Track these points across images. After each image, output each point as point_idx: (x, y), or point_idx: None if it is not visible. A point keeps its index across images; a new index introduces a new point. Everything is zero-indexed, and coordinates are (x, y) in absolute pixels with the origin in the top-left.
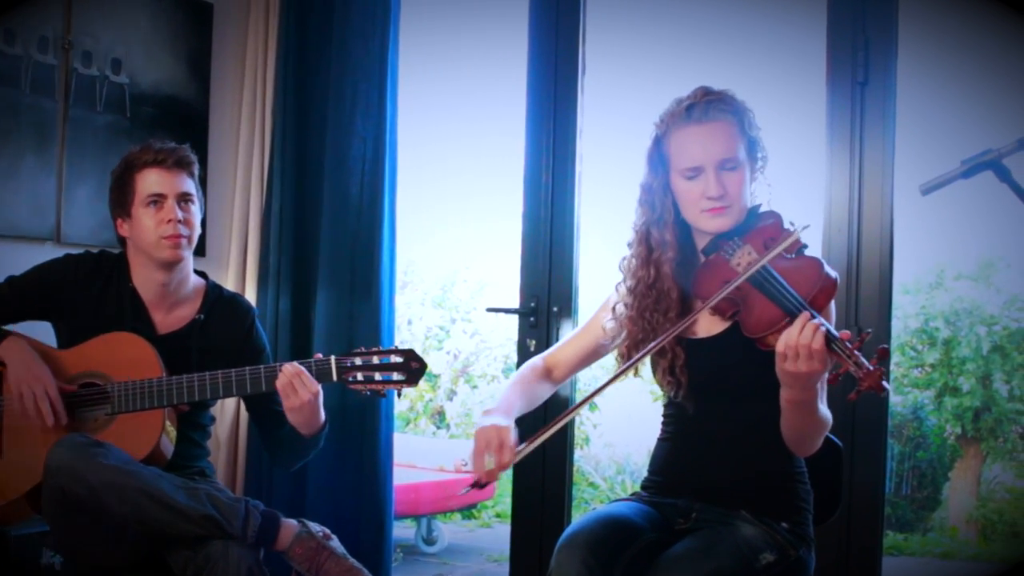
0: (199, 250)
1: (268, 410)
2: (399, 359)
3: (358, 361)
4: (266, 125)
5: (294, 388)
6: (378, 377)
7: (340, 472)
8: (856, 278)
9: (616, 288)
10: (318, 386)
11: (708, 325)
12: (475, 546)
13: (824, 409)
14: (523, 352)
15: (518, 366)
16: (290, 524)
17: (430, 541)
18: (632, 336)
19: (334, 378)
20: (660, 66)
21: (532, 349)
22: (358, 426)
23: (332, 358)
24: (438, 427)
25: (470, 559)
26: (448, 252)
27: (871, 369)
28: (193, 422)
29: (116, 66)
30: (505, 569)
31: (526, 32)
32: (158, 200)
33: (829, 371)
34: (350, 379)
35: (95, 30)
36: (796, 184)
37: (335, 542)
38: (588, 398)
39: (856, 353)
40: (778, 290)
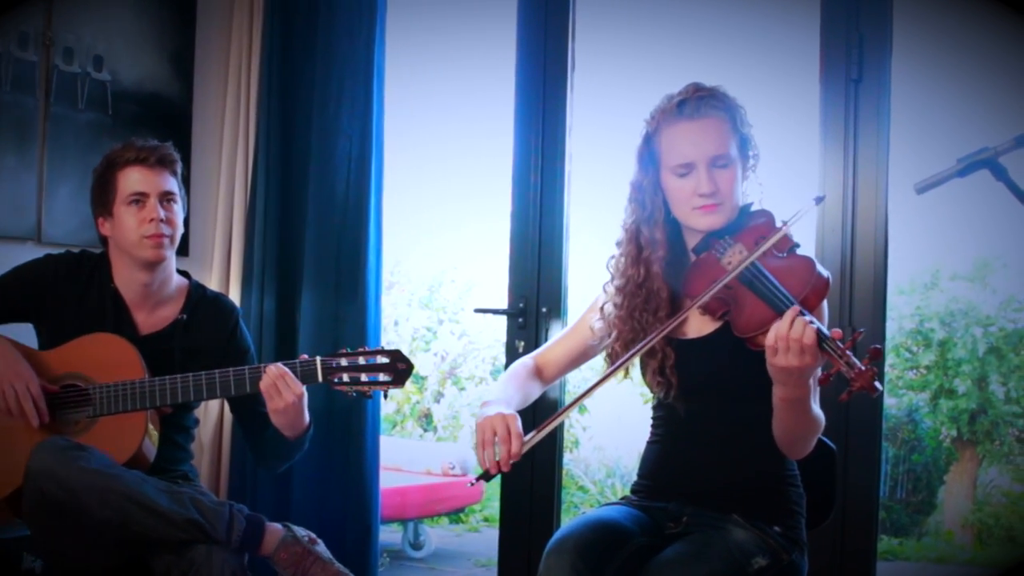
0: (182, 250)
1: (252, 412)
2: (385, 360)
3: (344, 362)
4: (250, 123)
5: (278, 390)
6: (364, 378)
7: (326, 475)
8: (850, 278)
9: (604, 288)
10: (302, 388)
11: (699, 325)
12: (463, 551)
13: (817, 409)
14: (511, 353)
15: (506, 368)
16: (275, 528)
17: (417, 546)
18: (621, 337)
19: (319, 379)
20: (651, 62)
21: (521, 350)
22: (344, 428)
23: (317, 359)
24: (425, 430)
25: (458, 564)
26: (435, 252)
27: (863, 369)
28: (176, 424)
29: (98, 63)
30: (493, 574)
31: (515, 28)
32: (140, 199)
33: (820, 370)
34: (335, 380)
35: (76, 26)
36: (789, 183)
37: (321, 546)
38: (589, 390)
39: (847, 353)
40: (769, 289)
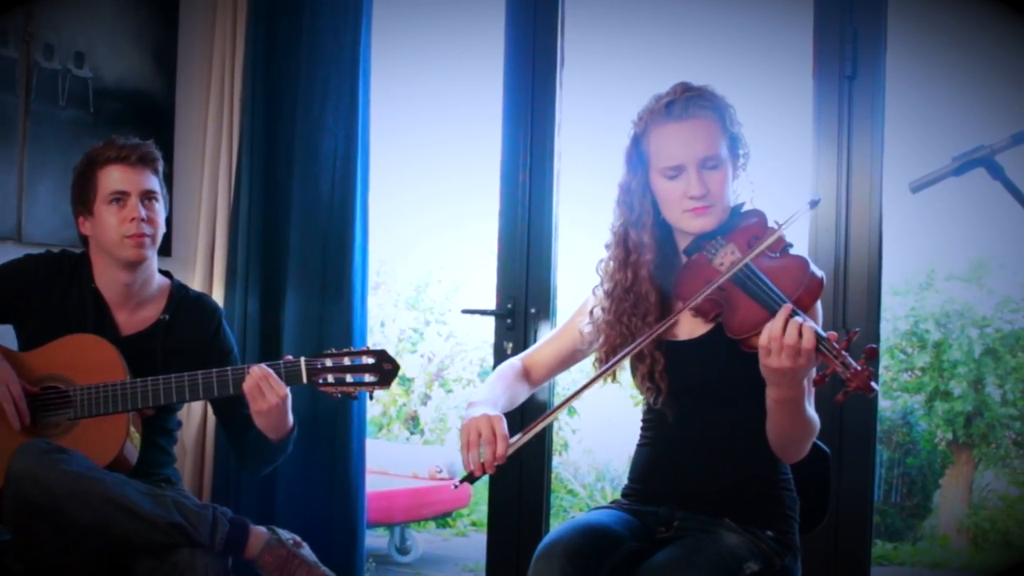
0: (165, 250)
1: (235, 414)
2: (371, 360)
3: (328, 362)
4: (234, 120)
5: (261, 391)
6: (349, 379)
7: (311, 478)
8: (844, 279)
9: (593, 291)
10: (286, 389)
11: (690, 328)
12: (450, 555)
13: (811, 412)
14: (499, 355)
15: (494, 370)
16: (260, 531)
17: (403, 550)
18: (610, 341)
19: (304, 380)
20: (643, 58)
21: (509, 352)
22: (329, 431)
23: (302, 359)
24: (412, 433)
25: (445, 569)
26: (422, 252)
27: (858, 369)
28: (159, 427)
29: (79, 60)
30: None
31: (503, 24)
32: (121, 198)
33: (815, 371)
34: (320, 381)
35: (57, 22)
36: (782, 182)
37: (306, 550)
38: (576, 393)
39: (843, 353)
40: (762, 289)
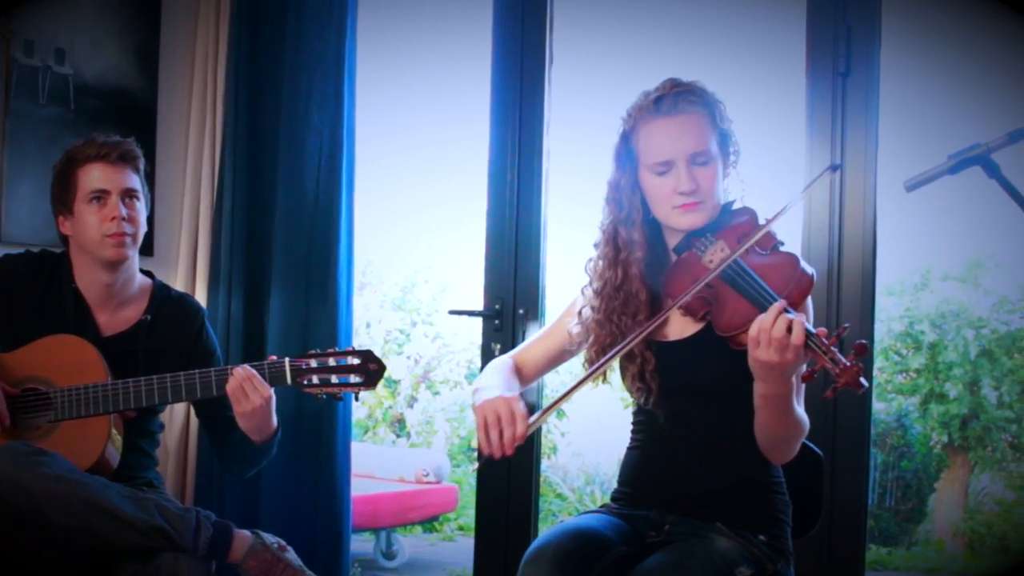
0: (146, 250)
1: (218, 415)
2: (356, 360)
3: (313, 363)
4: (217, 118)
5: (245, 392)
6: (334, 380)
7: (295, 482)
8: (837, 279)
9: (582, 291)
10: (270, 390)
11: (680, 327)
12: (437, 560)
13: (801, 411)
14: (487, 357)
15: (482, 371)
16: (243, 535)
17: (390, 555)
18: (599, 341)
19: (288, 381)
20: (633, 55)
21: (496, 353)
22: (314, 433)
23: (286, 360)
24: (398, 435)
25: (432, 574)
26: (409, 252)
27: (848, 365)
28: (141, 429)
29: (60, 56)
30: None
31: (490, 21)
32: (101, 196)
33: (804, 367)
34: (305, 382)
35: (37, 18)
36: (774, 180)
37: (291, 554)
38: (568, 393)
39: (832, 349)
40: (752, 286)
